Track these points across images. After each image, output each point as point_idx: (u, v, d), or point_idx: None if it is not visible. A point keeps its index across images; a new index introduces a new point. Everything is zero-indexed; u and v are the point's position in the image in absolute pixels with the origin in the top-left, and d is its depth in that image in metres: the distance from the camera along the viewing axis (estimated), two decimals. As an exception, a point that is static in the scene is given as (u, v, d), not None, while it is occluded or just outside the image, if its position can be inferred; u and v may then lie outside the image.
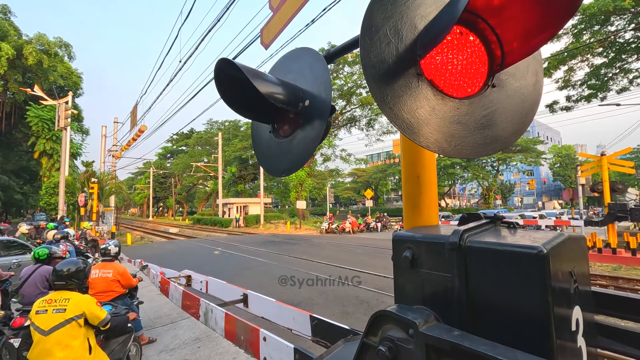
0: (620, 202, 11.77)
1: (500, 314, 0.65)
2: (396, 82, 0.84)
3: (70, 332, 2.50)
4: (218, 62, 1.12)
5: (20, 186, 33.98)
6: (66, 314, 2.51)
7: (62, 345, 2.45)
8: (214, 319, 1.80)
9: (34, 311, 2.56)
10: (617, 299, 0.86)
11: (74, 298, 2.62)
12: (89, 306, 2.64)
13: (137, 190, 60.90)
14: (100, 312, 2.70)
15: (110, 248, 4.79)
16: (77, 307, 2.57)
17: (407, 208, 1.21)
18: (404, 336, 0.68)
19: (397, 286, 0.85)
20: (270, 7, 2.07)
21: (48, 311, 2.53)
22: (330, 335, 1.59)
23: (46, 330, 2.45)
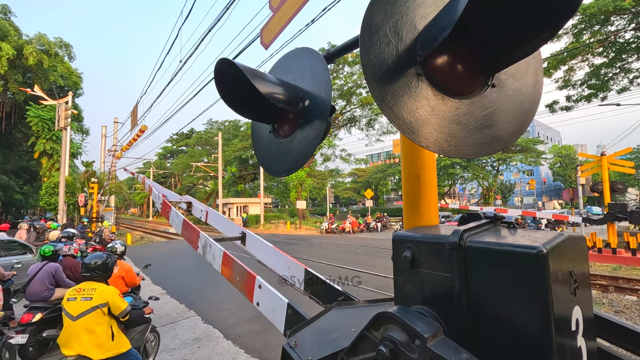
0: (621, 202, 11.76)
1: (500, 314, 0.65)
2: (396, 82, 0.84)
3: (96, 318, 2.75)
4: (218, 62, 1.12)
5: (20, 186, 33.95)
6: (92, 302, 2.77)
7: (88, 330, 2.71)
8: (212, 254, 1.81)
9: (65, 299, 2.84)
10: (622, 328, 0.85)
11: (100, 288, 2.88)
12: (112, 296, 2.88)
13: (137, 190, 60.86)
14: (122, 303, 2.94)
15: (117, 247, 4.97)
16: (102, 296, 2.83)
17: (407, 208, 1.21)
18: (407, 341, 0.68)
19: (397, 286, 0.85)
20: (270, 7, 2.07)
21: (77, 299, 2.80)
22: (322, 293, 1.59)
23: (75, 316, 2.72)
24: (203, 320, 6.02)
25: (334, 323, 1.11)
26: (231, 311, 6.49)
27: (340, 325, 1.10)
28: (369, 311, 1.14)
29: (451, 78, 0.92)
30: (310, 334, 1.08)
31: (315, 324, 1.11)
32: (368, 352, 0.79)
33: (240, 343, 5.02)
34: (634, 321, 5.90)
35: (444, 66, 0.91)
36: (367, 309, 1.18)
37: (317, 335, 1.08)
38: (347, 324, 1.10)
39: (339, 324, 1.11)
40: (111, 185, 23.43)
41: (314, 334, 1.08)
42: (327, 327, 1.10)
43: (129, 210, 73.89)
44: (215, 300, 7.30)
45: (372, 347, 0.77)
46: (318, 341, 1.06)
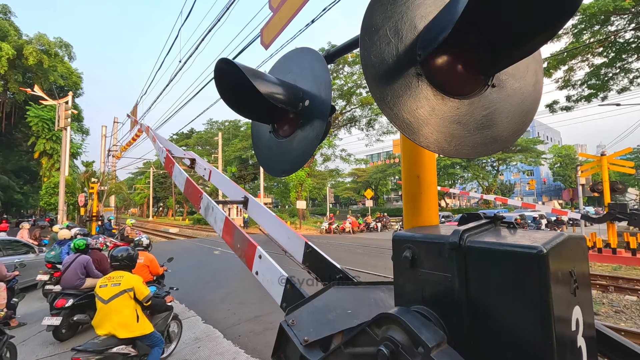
0: (621, 202, 11.75)
1: (500, 314, 0.65)
2: (396, 82, 0.84)
3: (123, 301, 3.20)
4: (218, 62, 1.12)
5: (20, 186, 33.96)
6: (120, 287, 3.23)
7: (117, 311, 3.16)
8: (213, 216, 1.78)
9: (98, 286, 3.31)
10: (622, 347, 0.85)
11: (127, 276, 3.36)
12: (137, 283, 3.35)
13: (137, 190, 60.85)
14: (145, 290, 3.38)
15: (143, 240, 5.57)
16: (128, 282, 3.29)
17: (407, 208, 1.21)
18: (409, 345, 0.68)
19: (397, 286, 0.85)
20: (270, 7, 2.07)
21: (108, 285, 3.26)
22: (320, 268, 1.59)
23: (106, 300, 3.18)
24: (203, 320, 6.01)
25: (332, 303, 1.12)
26: (231, 311, 6.49)
27: (337, 305, 1.11)
28: (367, 294, 1.18)
29: (451, 78, 0.92)
30: (307, 313, 1.09)
31: (313, 303, 1.12)
32: (367, 347, 0.80)
33: (240, 343, 5.02)
34: (634, 321, 5.90)
35: (444, 66, 0.91)
36: (364, 291, 1.19)
37: (314, 315, 1.09)
38: (344, 305, 1.12)
39: (336, 304, 1.12)
40: (111, 185, 23.42)
41: (311, 313, 1.09)
42: (324, 307, 1.11)
43: (129, 210, 73.86)
44: (216, 300, 7.30)
45: (372, 343, 0.77)
46: (315, 321, 1.07)
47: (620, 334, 0.85)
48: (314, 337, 1.01)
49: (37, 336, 5.45)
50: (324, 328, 1.04)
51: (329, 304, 1.13)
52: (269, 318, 5.98)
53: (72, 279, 5.09)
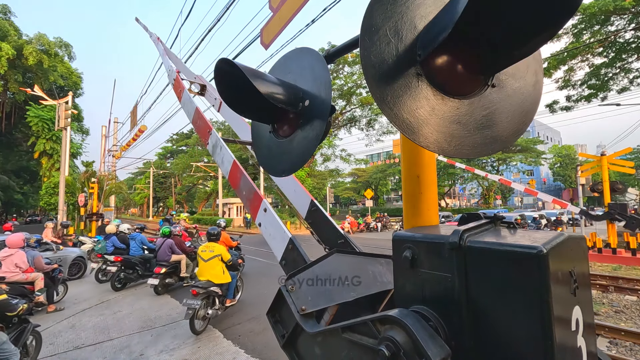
0: (621, 203, 11.75)
1: (500, 313, 0.65)
2: (396, 82, 0.84)
3: (215, 262, 5.52)
4: (218, 62, 1.12)
5: (20, 186, 33.96)
6: (213, 252, 5.55)
7: (212, 267, 5.48)
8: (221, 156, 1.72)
9: (200, 251, 5.63)
10: None
11: (217, 246, 5.67)
12: (222, 250, 5.68)
13: (137, 190, 60.82)
14: (227, 255, 5.75)
15: (221, 223, 9.02)
16: (217, 250, 5.59)
17: (407, 208, 1.21)
18: (411, 352, 0.68)
19: (397, 286, 0.85)
20: (270, 7, 2.07)
21: (206, 251, 5.58)
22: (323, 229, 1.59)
23: (205, 260, 5.50)
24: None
25: (331, 271, 1.15)
26: (231, 311, 6.49)
27: (337, 275, 1.15)
28: (366, 265, 1.21)
29: (451, 78, 0.91)
30: (307, 279, 1.12)
31: (314, 269, 1.14)
32: (365, 338, 0.81)
33: (240, 343, 5.02)
34: (634, 321, 5.90)
35: (444, 66, 0.90)
36: (364, 263, 1.22)
37: (313, 283, 1.12)
38: (343, 275, 1.15)
39: (336, 273, 1.15)
40: (111, 185, 23.41)
41: (310, 280, 1.12)
42: (323, 275, 1.14)
43: (129, 210, 73.88)
44: (215, 300, 7.30)
45: (372, 336, 0.79)
46: (313, 290, 1.10)
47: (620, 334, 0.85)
48: (311, 307, 1.05)
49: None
50: (321, 298, 1.08)
51: (328, 272, 1.15)
52: (269, 318, 5.97)
53: (163, 255, 7.74)
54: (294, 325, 1.07)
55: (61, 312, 6.66)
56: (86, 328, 5.76)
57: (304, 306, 1.06)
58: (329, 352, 0.96)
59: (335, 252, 1.20)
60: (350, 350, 0.86)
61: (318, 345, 1.01)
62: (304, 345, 1.08)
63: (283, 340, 1.14)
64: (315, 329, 0.99)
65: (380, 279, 1.19)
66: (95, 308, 6.94)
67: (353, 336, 0.85)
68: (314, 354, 1.03)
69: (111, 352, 4.82)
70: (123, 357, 4.67)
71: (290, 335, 1.11)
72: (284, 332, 1.14)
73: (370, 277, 1.20)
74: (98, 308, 6.93)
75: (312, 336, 1.01)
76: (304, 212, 1.69)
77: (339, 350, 0.90)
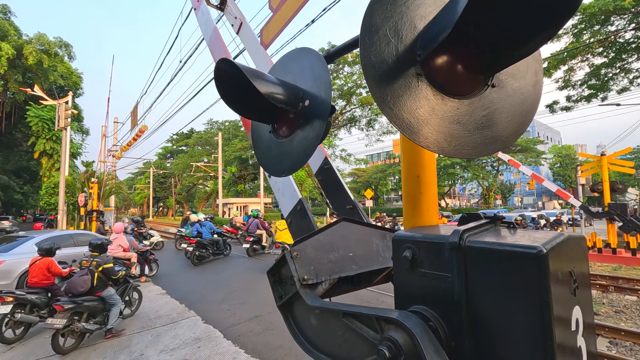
0: (621, 203, 11.75)
1: (500, 313, 0.65)
2: (396, 82, 0.84)
3: (287, 232, 9.56)
4: (218, 62, 1.11)
5: (20, 186, 33.96)
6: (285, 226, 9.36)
7: (286, 233, 9.85)
8: None
9: (277, 224, 10.75)
10: None
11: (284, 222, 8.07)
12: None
13: (137, 190, 60.80)
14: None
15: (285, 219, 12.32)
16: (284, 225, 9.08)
17: (407, 208, 1.20)
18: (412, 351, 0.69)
19: (397, 286, 0.85)
20: (270, 7, 2.07)
21: (283, 224, 9.95)
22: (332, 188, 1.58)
23: (281, 230, 10.19)
24: (203, 320, 6.02)
25: (337, 241, 1.17)
26: (231, 311, 6.49)
27: (341, 245, 1.17)
28: (372, 238, 1.25)
29: (451, 78, 0.91)
30: (312, 248, 1.13)
31: (319, 237, 1.15)
32: (365, 329, 0.83)
33: (240, 343, 5.02)
34: (633, 321, 5.90)
35: (444, 66, 0.90)
36: (370, 235, 1.25)
37: (317, 252, 1.13)
38: (348, 246, 1.18)
39: (341, 243, 1.17)
40: (111, 185, 23.42)
41: (315, 249, 1.13)
42: (328, 244, 1.16)
43: (129, 210, 73.90)
44: (216, 300, 7.30)
45: (372, 328, 0.81)
46: (317, 260, 1.12)
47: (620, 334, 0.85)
48: (313, 278, 1.07)
49: (37, 336, 5.46)
50: (323, 270, 1.10)
51: (334, 241, 1.17)
52: (269, 318, 5.98)
53: (253, 229, 12.91)
54: (294, 292, 1.09)
55: None
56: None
57: (306, 276, 1.07)
58: (325, 327, 0.99)
59: (342, 221, 1.21)
60: (346, 332, 0.89)
61: (315, 317, 1.03)
62: (300, 312, 1.10)
63: (280, 301, 1.16)
64: (315, 304, 1.01)
65: (382, 254, 1.21)
66: (95, 308, 6.94)
67: (353, 323, 0.86)
68: (309, 323, 1.06)
69: (111, 352, 4.82)
70: (123, 357, 4.68)
71: (288, 299, 1.13)
72: (282, 293, 1.15)
73: (374, 251, 1.22)
74: (98, 308, 6.93)
75: (310, 307, 1.03)
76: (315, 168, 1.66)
77: (335, 328, 0.93)
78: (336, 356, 0.95)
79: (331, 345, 0.97)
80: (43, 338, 5.33)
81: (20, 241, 8.21)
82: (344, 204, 1.53)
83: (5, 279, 7.18)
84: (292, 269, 1.07)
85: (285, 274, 1.12)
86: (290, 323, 1.14)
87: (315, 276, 1.08)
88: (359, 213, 1.48)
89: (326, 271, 1.11)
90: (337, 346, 0.94)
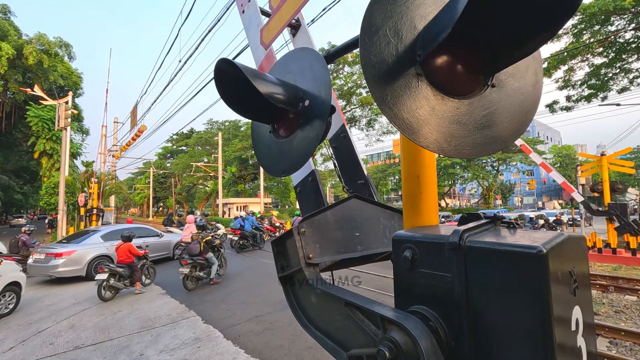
0: (621, 203, 11.75)
1: (499, 313, 0.65)
2: (396, 82, 0.84)
3: None
4: (218, 62, 1.11)
5: (20, 186, 33.96)
6: None
7: None
8: None
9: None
10: None
11: None
12: None
13: (137, 190, 60.76)
14: None
15: None
16: None
17: (407, 208, 1.20)
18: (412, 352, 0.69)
19: (397, 286, 0.85)
20: (270, 7, 2.07)
21: None
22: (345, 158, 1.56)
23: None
24: (203, 320, 6.02)
25: (345, 218, 1.18)
26: (231, 311, 6.49)
27: (349, 224, 1.18)
28: (380, 218, 1.26)
29: (451, 78, 0.91)
30: (320, 225, 1.14)
31: (328, 214, 1.16)
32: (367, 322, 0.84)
33: (240, 343, 5.02)
34: (633, 321, 5.90)
35: (444, 66, 0.90)
36: (379, 214, 1.25)
37: (325, 229, 1.14)
38: (355, 224, 1.18)
39: (349, 222, 1.18)
40: (111, 185, 23.41)
41: (323, 225, 1.14)
42: (337, 221, 1.17)
43: (129, 210, 73.86)
44: (215, 300, 7.30)
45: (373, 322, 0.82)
46: (323, 237, 1.13)
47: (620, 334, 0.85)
48: (317, 257, 1.08)
49: (37, 336, 5.47)
50: (328, 249, 1.11)
51: (342, 218, 1.17)
52: (269, 318, 5.98)
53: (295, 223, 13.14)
54: (298, 269, 1.09)
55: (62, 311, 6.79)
56: (86, 328, 5.77)
57: (311, 255, 1.07)
58: (325, 308, 1.00)
59: (353, 197, 1.21)
60: (346, 320, 0.90)
61: (316, 296, 1.04)
62: (301, 289, 1.11)
63: (282, 273, 1.16)
64: (318, 286, 1.02)
65: (389, 237, 1.21)
66: (95, 308, 6.94)
67: (355, 314, 0.87)
68: (309, 300, 1.07)
69: (111, 352, 4.82)
70: (123, 357, 4.67)
71: (290, 274, 1.13)
72: (285, 264, 1.16)
73: (380, 232, 1.22)
74: (98, 308, 6.94)
75: (313, 287, 1.04)
76: (331, 134, 1.64)
77: (335, 313, 0.95)
78: (332, 337, 0.96)
79: (328, 325, 0.99)
80: (43, 338, 5.34)
81: (88, 235, 10.45)
82: (356, 177, 1.50)
83: (78, 264, 9.34)
84: (298, 246, 1.07)
85: (291, 248, 1.12)
86: (289, 296, 1.15)
87: (320, 255, 1.09)
88: (371, 189, 1.45)
89: (332, 251, 1.11)
90: (334, 328, 0.96)
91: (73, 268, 9.21)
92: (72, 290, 7.93)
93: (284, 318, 5.94)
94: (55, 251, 9.22)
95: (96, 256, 9.70)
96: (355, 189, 1.49)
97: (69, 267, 9.16)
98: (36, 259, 9.27)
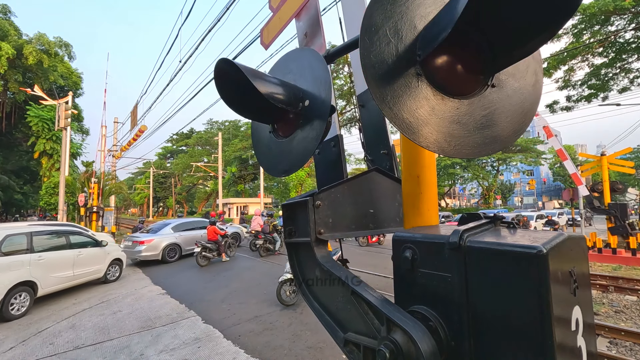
0: (621, 203, 11.75)
1: (499, 314, 0.65)
2: (396, 82, 0.84)
3: None
4: (218, 62, 1.11)
5: (20, 186, 33.93)
6: None
7: None
8: None
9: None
10: None
11: None
12: None
13: (137, 190, 60.76)
14: None
15: None
16: None
17: (407, 208, 1.20)
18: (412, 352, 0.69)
19: (397, 286, 0.85)
20: (270, 7, 2.07)
21: None
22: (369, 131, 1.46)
23: None
24: (203, 320, 6.02)
25: (362, 192, 1.16)
26: (231, 311, 6.49)
27: (364, 200, 1.16)
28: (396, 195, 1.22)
29: (451, 78, 0.91)
30: (335, 199, 1.12)
31: (345, 187, 1.14)
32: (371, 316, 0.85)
33: (240, 343, 5.02)
34: (633, 321, 5.90)
35: (444, 66, 0.90)
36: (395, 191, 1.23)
37: (340, 202, 1.12)
38: (370, 200, 1.17)
39: (365, 196, 1.16)
40: (111, 185, 23.41)
41: (338, 201, 1.12)
42: (352, 195, 1.15)
43: (129, 210, 73.84)
44: (216, 300, 7.30)
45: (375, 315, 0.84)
46: (337, 211, 1.11)
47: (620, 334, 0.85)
48: (328, 232, 1.07)
49: (37, 336, 5.47)
50: (340, 225, 1.10)
51: (359, 192, 1.16)
52: (269, 318, 5.98)
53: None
54: (307, 245, 1.07)
55: (62, 311, 6.81)
56: (86, 328, 5.77)
57: (322, 229, 1.06)
58: (328, 284, 1.01)
59: (374, 171, 1.19)
60: (349, 305, 0.91)
61: (322, 273, 1.04)
62: (307, 260, 1.10)
63: (290, 238, 1.15)
64: (326, 267, 1.01)
65: (401, 216, 1.18)
66: (95, 308, 6.95)
67: (360, 305, 0.88)
68: (313, 273, 1.07)
69: (111, 352, 4.82)
70: (123, 357, 4.68)
71: (297, 243, 1.12)
72: (294, 231, 1.14)
73: (394, 210, 1.19)
74: (98, 308, 6.94)
75: (319, 263, 1.03)
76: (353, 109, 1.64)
77: (338, 294, 0.95)
78: (330, 313, 0.97)
79: (328, 302, 0.99)
80: (43, 338, 5.34)
81: (162, 226, 13.09)
82: (379, 146, 1.43)
83: (155, 250, 11.79)
84: (310, 218, 1.06)
85: (302, 218, 1.10)
86: (293, 262, 1.14)
87: (331, 230, 1.07)
88: (392, 161, 1.38)
89: (343, 227, 1.09)
90: (334, 306, 0.97)
91: (152, 253, 11.70)
92: (72, 290, 7.93)
93: (284, 318, 5.94)
94: (139, 239, 11.87)
95: (169, 244, 12.20)
96: (376, 158, 1.44)
97: (150, 252, 11.65)
98: (125, 245, 11.90)
